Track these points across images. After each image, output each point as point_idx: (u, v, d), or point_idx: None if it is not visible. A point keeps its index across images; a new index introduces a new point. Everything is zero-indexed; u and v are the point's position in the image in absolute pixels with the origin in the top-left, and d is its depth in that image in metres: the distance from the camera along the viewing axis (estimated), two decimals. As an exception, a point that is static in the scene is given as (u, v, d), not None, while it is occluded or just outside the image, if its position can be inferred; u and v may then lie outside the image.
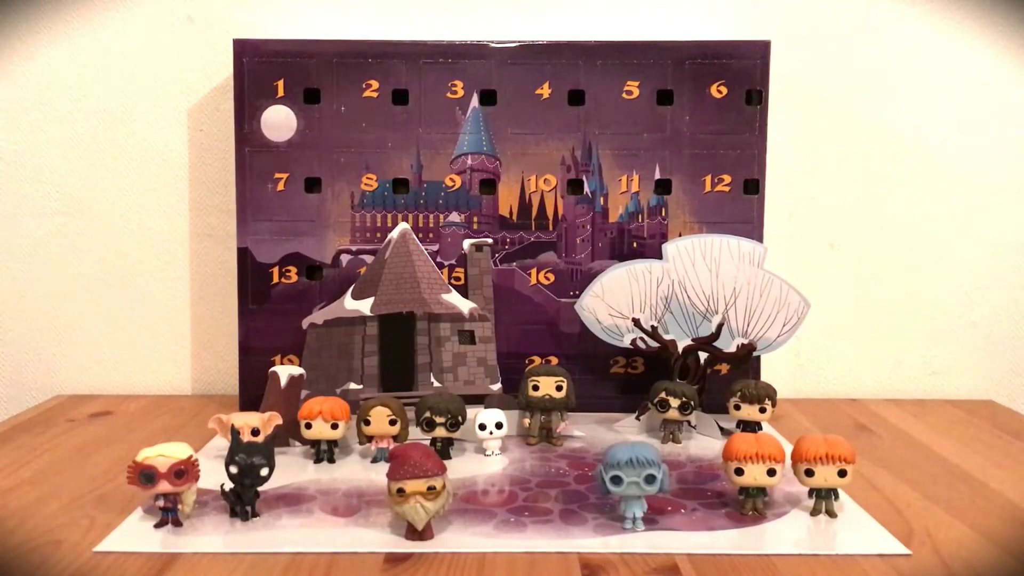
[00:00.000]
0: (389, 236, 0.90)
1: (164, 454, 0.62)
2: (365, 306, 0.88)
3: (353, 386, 0.87)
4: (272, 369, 0.83)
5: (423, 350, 0.89)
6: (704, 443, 0.85)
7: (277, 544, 0.60)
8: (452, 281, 0.94)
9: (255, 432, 0.72)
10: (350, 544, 0.60)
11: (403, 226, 0.91)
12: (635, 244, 0.95)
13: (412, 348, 0.89)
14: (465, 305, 0.90)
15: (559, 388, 0.83)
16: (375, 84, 0.93)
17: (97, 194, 1.02)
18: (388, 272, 0.88)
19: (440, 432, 0.78)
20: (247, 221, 0.94)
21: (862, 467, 0.75)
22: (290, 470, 0.75)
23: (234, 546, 0.61)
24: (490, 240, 0.94)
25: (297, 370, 0.83)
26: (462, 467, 0.77)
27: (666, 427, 0.85)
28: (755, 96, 0.93)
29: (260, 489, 0.66)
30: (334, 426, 0.77)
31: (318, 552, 0.59)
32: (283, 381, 0.82)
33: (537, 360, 0.95)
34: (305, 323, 0.91)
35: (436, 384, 0.89)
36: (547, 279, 0.96)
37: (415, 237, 0.91)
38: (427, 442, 0.77)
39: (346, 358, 0.88)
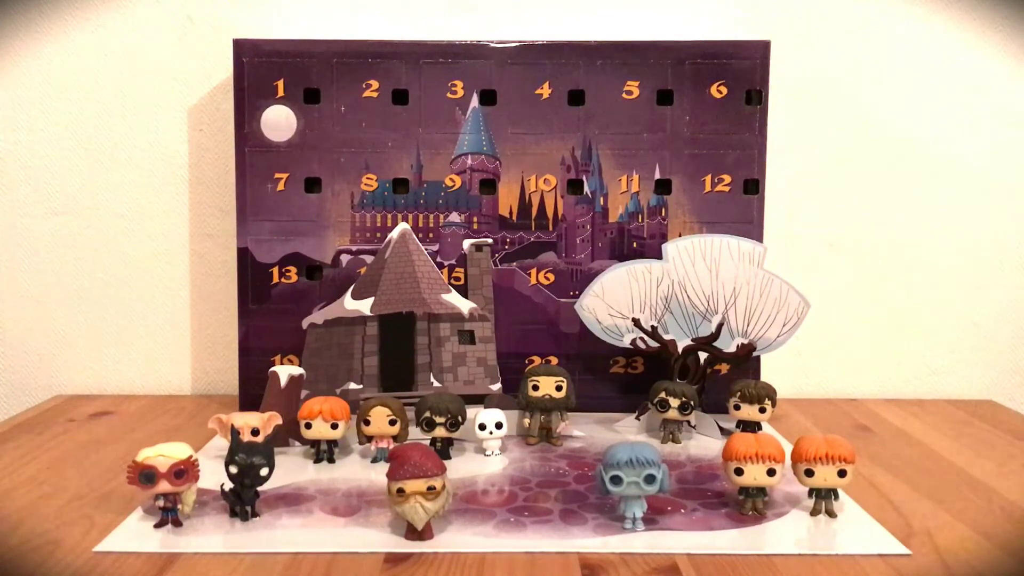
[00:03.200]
0: (389, 236, 0.90)
1: (164, 454, 0.62)
2: (365, 306, 0.88)
3: (353, 386, 0.87)
4: (272, 369, 0.83)
5: (423, 350, 0.89)
6: (704, 443, 0.85)
7: (277, 544, 0.60)
8: (452, 281, 0.94)
9: (255, 432, 0.72)
10: (350, 544, 0.60)
11: (403, 226, 0.91)
12: (635, 244, 0.95)
13: (412, 348, 0.89)
14: (465, 305, 0.90)
15: (559, 388, 0.83)
16: (375, 84, 0.93)
17: (97, 194, 1.02)
18: (388, 272, 0.88)
19: (440, 432, 0.78)
20: (247, 221, 0.94)
21: (862, 467, 0.75)
22: (290, 470, 0.75)
23: (234, 546, 0.61)
24: (490, 240, 0.94)
25: (297, 370, 0.83)
26: (462, 467, 0.77)
27: (666, 427, 0.85)
28: (755, 96, 0.93)
29: (260, 489, 0.66)
30: (334, 426, 0.77)
31: (318, 552, 0.59)
32: (283, 381, 0.82)
33: (537, 360, 0.95)
34: (305, 323, 0.91)
35: (436, 384, 0.89)
36: (547, 279, 0.96)
37: (415, 237, 0.91)
38: (427, 442, 0.77)
39: (346, 358, 0.88)
